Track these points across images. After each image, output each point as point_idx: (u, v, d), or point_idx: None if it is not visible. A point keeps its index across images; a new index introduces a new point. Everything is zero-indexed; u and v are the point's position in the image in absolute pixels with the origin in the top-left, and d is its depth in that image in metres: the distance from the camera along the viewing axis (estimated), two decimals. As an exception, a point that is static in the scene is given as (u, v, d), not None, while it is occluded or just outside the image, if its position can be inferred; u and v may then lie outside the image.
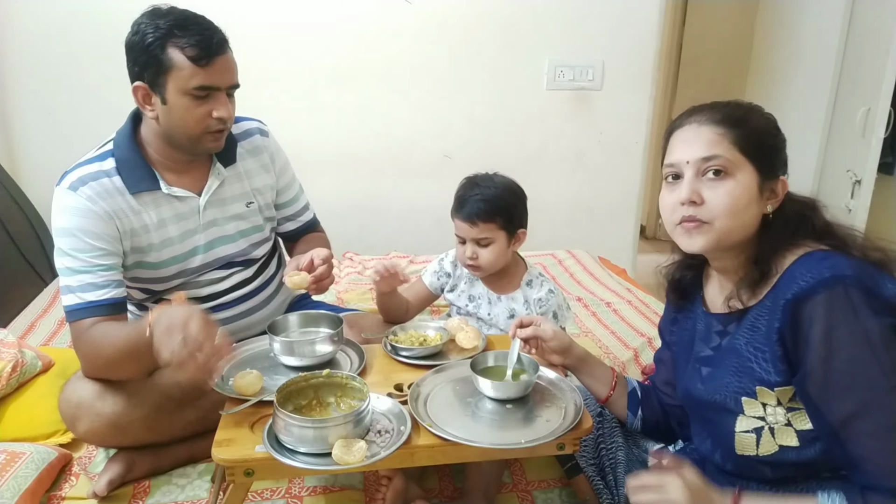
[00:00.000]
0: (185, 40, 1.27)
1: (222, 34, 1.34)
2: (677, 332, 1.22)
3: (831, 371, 0.90)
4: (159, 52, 1.28)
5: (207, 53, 1.28)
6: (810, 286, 0.91)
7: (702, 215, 0.99)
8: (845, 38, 2.81)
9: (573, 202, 3.14)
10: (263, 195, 1.57)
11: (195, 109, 1.32)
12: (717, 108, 1.03)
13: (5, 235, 2.28)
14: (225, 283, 1.53)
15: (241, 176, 1.53)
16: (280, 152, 1.63)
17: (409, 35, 2.81)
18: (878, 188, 2.69)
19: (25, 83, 2.65)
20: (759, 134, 1.01)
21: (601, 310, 2.27)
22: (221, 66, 1.32)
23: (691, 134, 1.02)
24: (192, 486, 1.37)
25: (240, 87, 1.38)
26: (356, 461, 1.00)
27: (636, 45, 2.94)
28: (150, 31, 1.28)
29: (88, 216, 1.32)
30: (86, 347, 1.31)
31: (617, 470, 1.24)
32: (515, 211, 1.54)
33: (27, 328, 2.08)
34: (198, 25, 1.30)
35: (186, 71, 1.28)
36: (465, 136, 2.96)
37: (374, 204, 3.01)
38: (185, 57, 1.27)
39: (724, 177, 0.98)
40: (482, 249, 1.52)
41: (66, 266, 1.32)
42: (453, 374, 1.27)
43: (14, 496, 1.22)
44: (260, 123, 1.61)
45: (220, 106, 1.33)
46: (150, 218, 1.40)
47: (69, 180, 1.35)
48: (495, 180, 1.55)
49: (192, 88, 1.29)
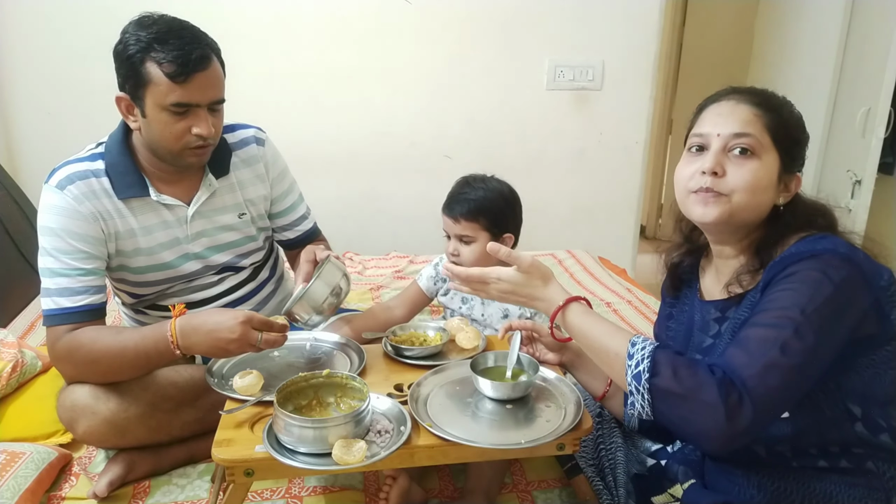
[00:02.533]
0: (162, 55, 1.24)
1: (205, 48, 1.29)
2: (674, 326, 1.22)
3: (766, 298, 0.93)
4: (139, 65, 1.25)
5: (185, 70, 1.24)
6: (800, 253, 0.93)
7: (720, 187, 0.99)
8: (845, 38, 2.81)
9: (573, 202, 3.14)
10: (256, 206, 1.55)
11: (174, 125, 1.29)
12: (756, 91, 1.05)
13: (5, 235, 2.28)
14: (216, 288, 1.53)
15: (233, 186, 1.51)
16: (277, 161, 1.60)
17: (409, 35, 2.81)
18: (878, 188, 2.69)
19: (25, 83, 2.65)
20: (791, 125, 1.03)
21: (601, 310, 2.27)
22: (201, 82, 1.27)
23: (728, 109, 1.02)
24: (192, 487, 1.37)
25: (225, 101, 1.35)
26: (356, 461, 1.00)
27: (636, 45, 2.94)
28: (132, 43, 1.26)
29: (73, 216, 1.32)
30: (61, 351, 1.30)
31: (616, 471, 1.24)
32: (501, 215, 1.55)
33: (27, 328, 2.08)
34: (179, 39, 1.25)
35: (163, 87, 1.25)
36: (464, 136, 2.96)
37: (374, 204, 3.01)
38: (162, 73, 1.24)
39: (750, 156, 0.99)
40: (463, 247, 1.54)
41: (46, 267, 1.32)
42: (453, 374, 1.27)
43: (14, 496, 1.22)
44: (257, 131, 1.58)
45: (199, 122, 1.30)
46: (137, 223, 1.39)
47: (57, 178, 1.34)
48: (488, 183, 1.56)
49: (170, 104, 1.26)
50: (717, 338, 1.08)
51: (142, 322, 1.55)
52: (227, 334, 1.19)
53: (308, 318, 1.31)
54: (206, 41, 1.31)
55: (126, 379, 1.33)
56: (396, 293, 1.81)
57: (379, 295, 2.38)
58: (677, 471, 1.17)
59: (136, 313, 1.55)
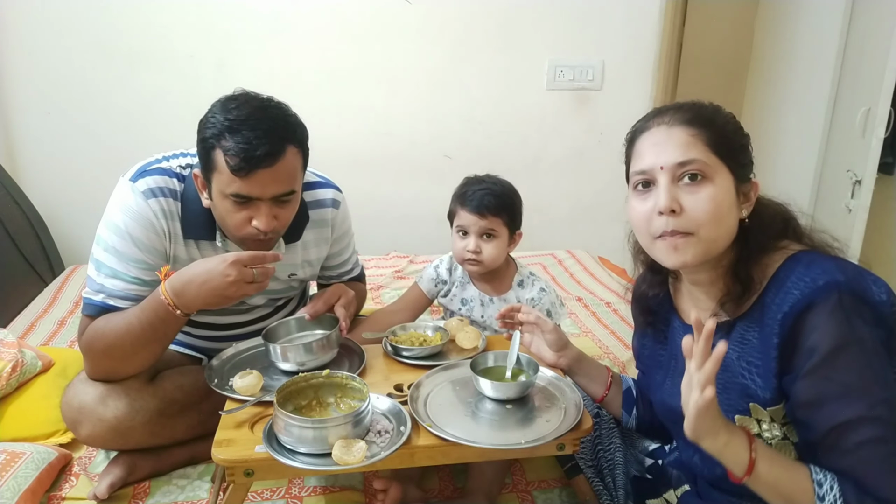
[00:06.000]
0: (230, 145, 1.19)
1: (277, 142, 1.21)
2: (650, 345, 1.19)
3: (828, 379, 0.86)
4: (210, 150, 1.22)
5: (248, 166, 1.18)
6: (806, 296, 0.87)
7: (685, 226, 0.92)
8: (845, 38, 2.81)
9: (573, 202, 3.14)
10: (312, 266, 1.54)
11: (235, 213, 1.24)
12: (684, 107, 0.98)
13: (5, 235, 2.28)
14: (246, 315, 1.53)
15: (296, 248, 1.47)
16: (345, 222, 1.57)
17: (409, 35, 2.81)
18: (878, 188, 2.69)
19: (25, 83, 2.65)
20: (729, 133, 0.97)
21: (601, 310, 2.27)
22: (265, 178, 1.21)
23: (662, 136, 0.96)
24: (193, 487, 1.37)
25: (294, 192, 1.28)
26: (356, 461, 1.00)
27: (636, 45, 2.94)
28: (210, 126, 1.22)
29: (148, 228, 1.29)
30: (84, 345, 1.29)
31: (615, 471, 1.24)
32: (517, 211, 1.56)
33: (27, 328, 2.08)
34: (252, 131, 1.18)
35: (226, 176, 1.21)
36: (465, 137, 2.96)
37: (374, 204, 3.01)
38: (226, 164, 1.20)
39: (701, 181, 0.92)
40: (486, 244, 1.52)
41: (107, 264, 1.28)
42: (453, 375, 1.27)
43: (14, 496, 1.22)
44: (336, 192, 1.53)
45: (260, 216, 1.24)
46: (195, 255, 1.36)
47: (145, 184, 1.30)
48: (498, 179, 1.56)
49: (230, 194, 1.22)
50: None
51: None
52: (222, 279, 1.15)
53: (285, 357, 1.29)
54: (283, 133, 1.23)
55: (145, 361, 1.30)
56: (397, 293, 1.81)
57: (379, 295, 2.38)
58: (671, 475, 1.17)
59: None
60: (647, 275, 1.16)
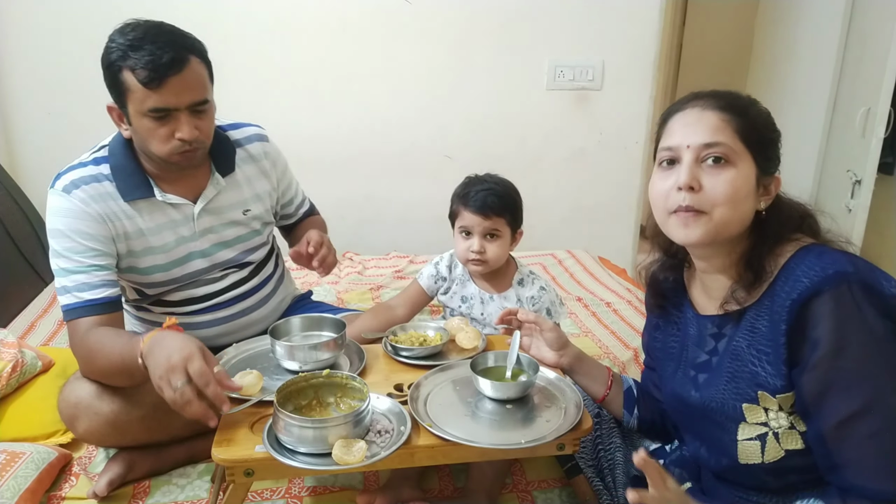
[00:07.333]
0: (135, 61, 1.22)
1: (179, 50, 1.25)
2: (661, 337, 1.19)
3: (835, 369, 0.88)
4: (117, 73, 1.25)
5: (157, 75, 1.22)
6: (815, 284, 0.88)
7: (700, 204, 0.94)
8: (845, 38, 2.81)
9: (573, 202, 3.14)
10: (262, 201, 1.57)
11: (156, 130, 1.28)
12: (720, 95, 1.00)
13: (5, 235, 2.28)
14: (220, 283, 1.53)
15: (239, 183, 1.51)
16: (280, 156, 1.62)
17: (409, 35, 2.81)
18: (878, 188, 2.69)
19: (25, 83, 2.65)
20: (761, 126, 0.99)
21: (601, 310, 2.27)
22: (176, 86, 1.24)
23: (694, 118, 0.98)
24: (192, 486, 1.37)
25: (209, 101, 1.32)
26: (356, 461, 1.00)
27: (636, 45, 2.94)
28: (112, 51, 1.25)
29: (82, 217, 1.32)
30: (82, 351, 1.31)
31: (615, 471, 1.24)
32: (518, 211, 1.56)
33: (27, 328, 2.08)
34: (153, 44, 1.22)
35: (139, 94, 1.24)
36: (465, 137, 2.96)
37: (374, 204, 3.01)
38: (136, 80, 1.23)
39: (724, 165, 0.94)
40: (490, 243, 1.53)
41: (60, 267, 1.32)
42: (453, 374, 1.27)
43: (14, 496, 1.22)
44: (258, 129, 1.59)
45: (180, 126, 1.28)
46: (145, 223, 1.39)
47: (62, 183, 1.35)
48: (499, 179, 1.57)
49: (147, 111, 1.25)
50: (712, 354, 1.05)
51: (143, 319, 1.56)
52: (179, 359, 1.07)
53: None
54: (183, 43, 1.27)
55: (123, 385, 1.32)
56: (397, 293, 1.80)
57: (379, 295, 2.38)
58: (674, 473, 1.17)
59: (137, 310, 1.56)
60: (661, 258, 1.17)
